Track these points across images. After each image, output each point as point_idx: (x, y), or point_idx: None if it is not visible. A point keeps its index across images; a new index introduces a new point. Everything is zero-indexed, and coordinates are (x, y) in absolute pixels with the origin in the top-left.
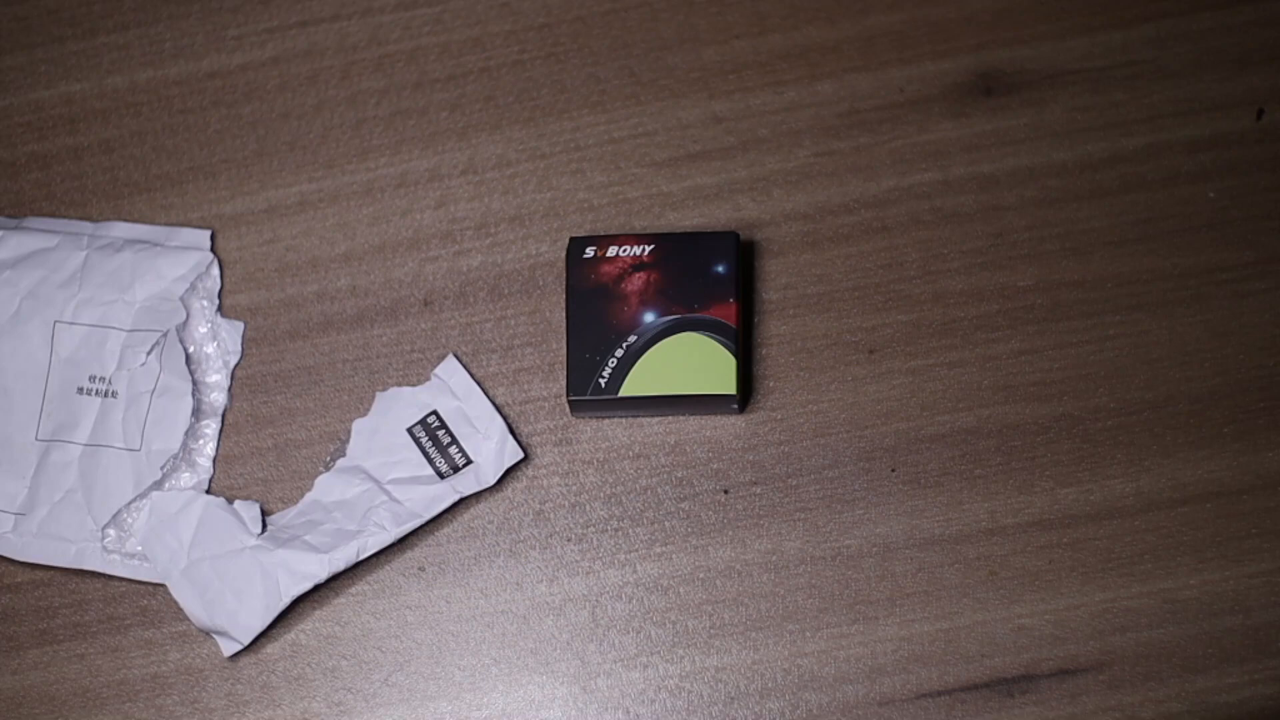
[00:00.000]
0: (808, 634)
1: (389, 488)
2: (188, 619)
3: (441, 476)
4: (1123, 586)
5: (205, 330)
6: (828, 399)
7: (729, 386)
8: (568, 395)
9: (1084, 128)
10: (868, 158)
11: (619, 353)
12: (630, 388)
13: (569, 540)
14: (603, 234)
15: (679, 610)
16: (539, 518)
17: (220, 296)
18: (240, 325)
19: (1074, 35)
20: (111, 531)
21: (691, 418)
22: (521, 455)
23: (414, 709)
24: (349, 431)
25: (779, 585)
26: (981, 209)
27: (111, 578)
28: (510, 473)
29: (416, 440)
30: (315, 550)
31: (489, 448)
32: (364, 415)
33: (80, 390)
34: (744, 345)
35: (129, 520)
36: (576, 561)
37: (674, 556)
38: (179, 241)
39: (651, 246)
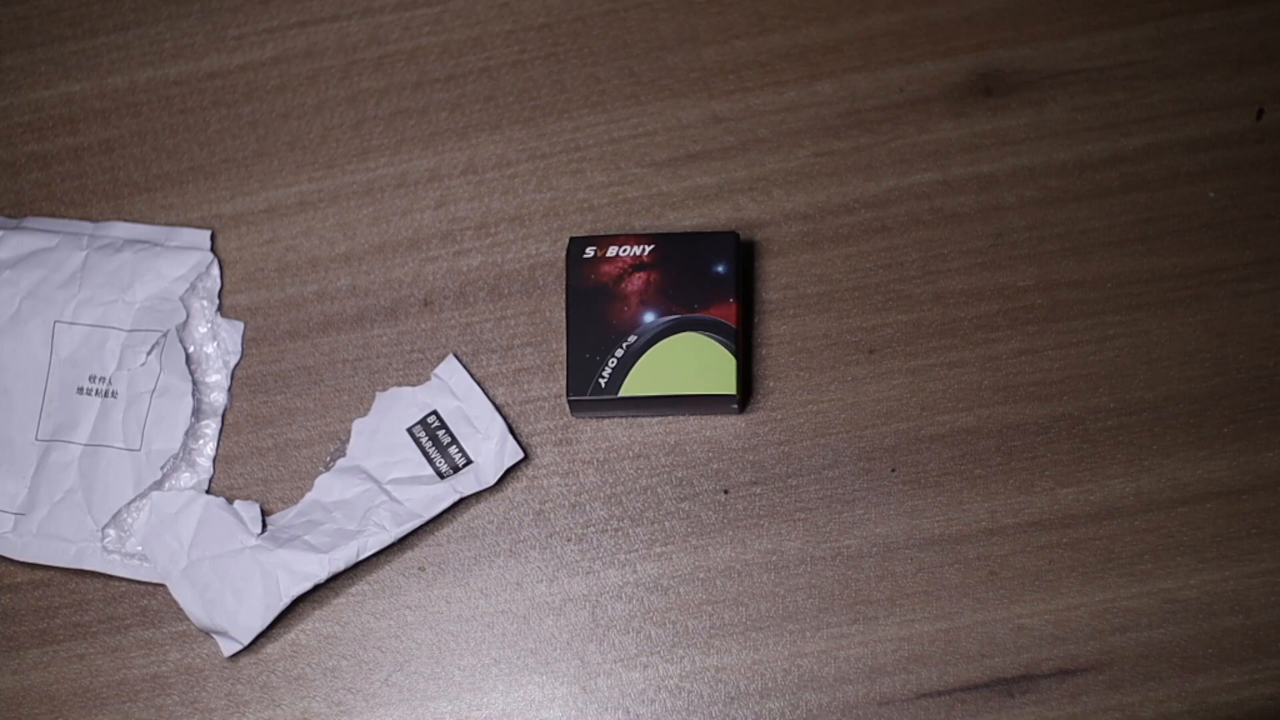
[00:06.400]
0: (808, 634)
1: (389, 488)
2: (188, 619)
3: (441, 476)
4: (1123, 586)
5: (205, 330)
6: (828, 399)
7: (729, 386)
8: (568, 395)
9: (1084, 128)
10: (868, 158)
11: (619, 353)
12: (630, 388)
13: (569, 540)
14: (603, 234)
15: (679, 610)
16: (539, 518)
17: (220, 296)
18: (240, 325)
19: (1074, 35)
20: (111, 531)
21: (691, 418)
22: (521, 455)
23: (414, 709)
24: (349, 431)
25: (779, 585)
26: (981, 209)
27: (111, 578)
28: (510, 473)
29: (416, 440)
30: (315, 550)
31: (489, 448)
32: (364, 415)
33: (80, 390)
34: (744, 345)
35: (129, 520)
36: (576, 561)
37: (674, 556)
38: (179, 241)
39: (651, 246)
